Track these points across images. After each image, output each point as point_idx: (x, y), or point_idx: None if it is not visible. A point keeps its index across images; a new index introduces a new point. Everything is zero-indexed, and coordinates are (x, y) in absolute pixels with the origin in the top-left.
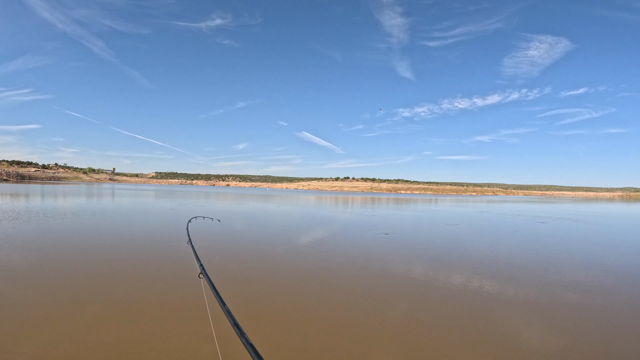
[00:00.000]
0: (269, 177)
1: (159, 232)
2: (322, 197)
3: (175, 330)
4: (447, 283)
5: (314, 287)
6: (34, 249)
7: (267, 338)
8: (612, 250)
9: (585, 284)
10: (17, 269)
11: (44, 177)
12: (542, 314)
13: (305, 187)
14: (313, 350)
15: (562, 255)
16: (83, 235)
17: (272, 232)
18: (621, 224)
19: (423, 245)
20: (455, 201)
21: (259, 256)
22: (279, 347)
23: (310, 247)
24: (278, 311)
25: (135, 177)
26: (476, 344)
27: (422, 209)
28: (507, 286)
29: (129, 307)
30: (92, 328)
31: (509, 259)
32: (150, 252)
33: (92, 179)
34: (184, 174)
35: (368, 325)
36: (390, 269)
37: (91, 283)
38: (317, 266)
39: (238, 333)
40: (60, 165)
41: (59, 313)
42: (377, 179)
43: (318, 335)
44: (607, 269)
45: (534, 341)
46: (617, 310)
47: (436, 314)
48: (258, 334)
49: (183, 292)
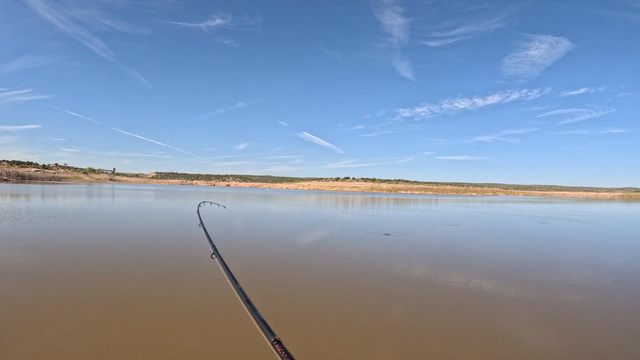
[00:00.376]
0: (269, 177)
1: (161, 232)
2: (323, 197)
3: (184, 327)
4: (447, 283)
5: (314, 286)
6: (34, 249)
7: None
8: (613, 250)
9: (586, 284)
10: (17, 269)
11: (44, 177)
12: (543, 314)
13: (306, 187)
14: (311, 350)
15: (562, 255)
16: (85, 234)
17: (272, 232)
18: (621, 224)
19: (423, 246)
20: (455, 201)
21: (258, 256)
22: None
23: (310, 247)
24: (276, 313)
25: (136, 177)
26: (476, 344)
27: (423, 209)
28: (507, 286)
29: (135, 305)
30: (96, 326)
31: (509, 259)
32: (154, 250)
33: (93, 179)
34: (184, 174)
35: (368, 325)
36: (391, 269)
37: (94, 280)
38: (316, 265)
39: (250, 309)
40: (60, 166)
41: (61, 312)
42: (378, 179)
43: (317, 335)
44: (607, 269)
45: (534, 341)
46: (618, 310)
47: (437, 314)
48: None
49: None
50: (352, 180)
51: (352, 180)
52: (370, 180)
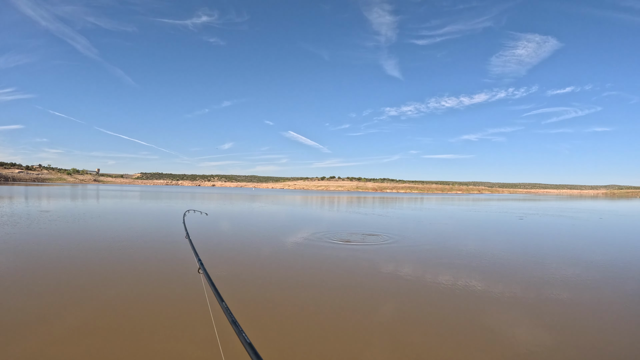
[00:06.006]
0: (255, 177)
1: (149, 234)
2: (308, 197)
3: (174, 334)
4: (435, 281)
5: (304, 287)
6: (19, 252)
7: (258, 338)
8: (599, 246)
9: (573, 280)
10: (1, 274)
11: (27, 178)
12: (531, 311)
13: (291, 186)
14: (303, 350)
15: (549, 251)
16: (71, 238)
17: (259, 232)
18: (607, 221)
19: (410, 244)
20: (441, 199)
21: (246, 259)
22: (271, 347)
23: (297, 248)
24: (266, 315)
25: (121, 178)
26: (466, 342)
27: (408, 207)
28: (495, 283)
29: (124, 309)
30: (80, 334)
31: (496, 256)
32: (145, 252)
33: (77, 180)
34: (170, 175)
35: (358, 324)
36: (378, 268)
37: (81, 285)
38: (305, 266)
39: (236, 331)
40: (44, 167)
41: (44, 318)
42: (363, 178)
43: (309, 335)
44: (593, 265)
45: (524, 338)
46: (605, 306)
47: (426, 313)
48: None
49: (182, 291)
50: (338, 179)
51: (337, 179)
52: (356, 179)
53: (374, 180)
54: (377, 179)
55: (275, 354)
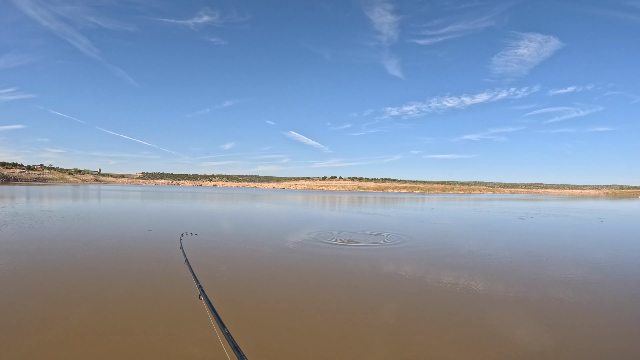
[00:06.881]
0: (256, 177)
1: (149, 234)
2: (309, 197)
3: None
4: (437, 282)
5: (304, 287)
6: (18, 253)
7: (252, 339)
8: (601, 246)
9: (575, 281)
10: (3, 273)
11: (29, 178)
12: (533, 311)
13: (293, 186)
14: (304, 351)
15: (551, 251)
16: (72, 238)
17: (260, 232)
18: (608, 221)
19: (412, 244)
20: (442, 199)
21: (247, 258)
22: (271, 348)
23: (298, 248)
24: (263, 314)
25: (122, 178)
26: (467, 342)
27: (410, 207)
28: (497, 284)
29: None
30: (80, 334)
31: (498, 256)
32: (145, 252)
33: (78, 180)
34: (171, 175)
35: (359, 325)
36: (380, 269)
37: (81, 285)
38: (306, 267)
39: (238, 357)
40: (45, 167)
41: (45, 318)
42: (364, 178)
43: (310, 337)
44: (595, 265)
45: (525, 338)
46: (607, 306)
47: (427, 313)
48: (242, 332)
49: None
50: (339, 179)
51: (339, 179)
52: (357, 179)
53: (376, 180)
54: (378, 179)
55: (275, 355)
